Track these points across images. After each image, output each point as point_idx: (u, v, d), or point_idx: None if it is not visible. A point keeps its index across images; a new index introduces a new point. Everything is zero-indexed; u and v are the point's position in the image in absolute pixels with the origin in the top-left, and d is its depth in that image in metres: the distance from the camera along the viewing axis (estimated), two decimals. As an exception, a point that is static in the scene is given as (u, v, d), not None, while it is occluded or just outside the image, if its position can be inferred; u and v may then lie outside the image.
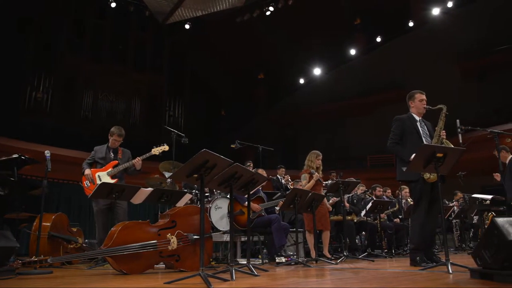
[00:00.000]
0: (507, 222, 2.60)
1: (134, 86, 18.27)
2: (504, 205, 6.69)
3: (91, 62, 17.25)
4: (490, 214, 8.41)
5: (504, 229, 2.54)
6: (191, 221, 4.16)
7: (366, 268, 4.22)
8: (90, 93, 17.22)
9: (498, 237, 2.55)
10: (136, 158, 5.24)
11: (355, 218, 6.97)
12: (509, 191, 6.32)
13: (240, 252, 6.00)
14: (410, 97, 4.51)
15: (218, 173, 3.26)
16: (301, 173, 5.92)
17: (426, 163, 3.57)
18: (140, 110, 18.36)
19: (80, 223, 8.95)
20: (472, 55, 17.50)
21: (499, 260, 2.53)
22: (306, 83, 21.07)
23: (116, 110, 17.74)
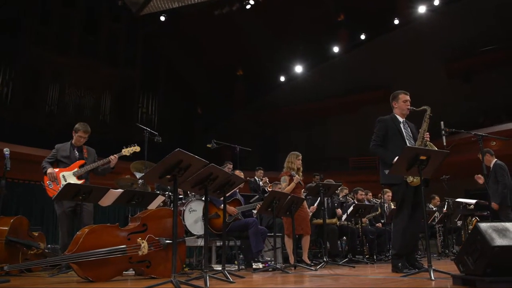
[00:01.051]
0: (490, 227, 2.67)
1: (105, 80, 17.96)
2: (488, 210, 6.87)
3: (57, 53, 16.85)
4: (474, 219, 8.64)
5: (487, 234, 2.60)
6: (163, 225, 4.12)
7: (347, 274, 4.26)
8: (56, 86, 16.82)
9: (481, 242, 2.62)
10: (113, 155, 5.14)
11: (338, 222, 7.04)
12: (493, 195, 6.50)
13: (215, 258, 5.97)
14: (394, 98, 4.57)
15: (193, 174, 3.24)
16: (281, 175, 5.93)
17: (409, 166, 3.63)
18: (111, 106, 18.07)
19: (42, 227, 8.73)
20: (459, 55, 17.87)
21: (482, 266, 2.59)
22: (287, 81, 21.16)
23: (84, 106, 17.41)
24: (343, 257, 6.68)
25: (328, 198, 7.04)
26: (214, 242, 5.84)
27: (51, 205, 5.38)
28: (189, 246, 5.76)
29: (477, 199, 8.15)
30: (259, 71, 21.06)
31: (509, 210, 6.57)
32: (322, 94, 20.29)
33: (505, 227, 2.68)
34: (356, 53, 19.59)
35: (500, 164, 6.72)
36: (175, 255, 2.99)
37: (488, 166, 6.76)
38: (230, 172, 8.27)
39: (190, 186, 3.45)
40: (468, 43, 17.45)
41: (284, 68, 20.63)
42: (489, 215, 6.42)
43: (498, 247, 2.52)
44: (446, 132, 5.05)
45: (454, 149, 5.98)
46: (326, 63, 20.40)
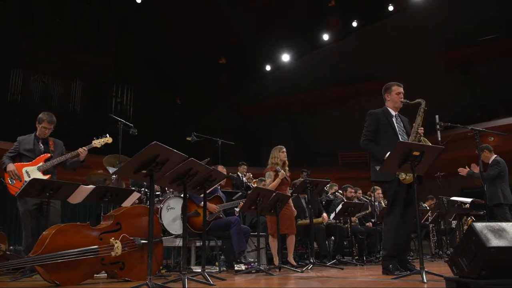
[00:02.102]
0: (486, 227, 2.71)
1: (75, 67, 17.68)
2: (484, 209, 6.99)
3: (20, 36, 16.48)
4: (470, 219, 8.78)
5: (482, 235, 2.64)
6: (138, 224, 4.09)
7: (334, 276, 4.30)
8: (19, 73, 16.50)
9: (476, 243, 2.65)
10: (81, 148, 5.05)
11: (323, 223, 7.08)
12: (491, 194, 6.62)
13: (194, 259, 5.97)
14: (386, 90, 4.60)
15: (171, 169, 3.23)
16: (265, 170, 5.94)
17: (402, 162, 3.67)
18: (82, 95, 17.83)
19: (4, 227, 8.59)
20: (456, 44, 18.01)
21: (477, 269, 2.63)
22: (273, 71, 21.16)
23: (52, 94, 17.12)
24: (331, 258, 6.73)
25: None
26: (193, 242, 5.83)
27: (14, 202, 5.28)
28: (167, 247, 5.74)
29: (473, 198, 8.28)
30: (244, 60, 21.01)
31: (506, 209, 6.71)
32: (311, 85, 20.34)
33: (502, 227, 2.72)
34: (347, 42, 19.67)
35: (498, 159, 6.84)
36: (151, 256, 2.97)
37: (487, 163, 6.88)
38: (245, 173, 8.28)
39: (168, 182, 3.44)
40: (466, 32, 17.62)
41: (270, 57, 20.61)
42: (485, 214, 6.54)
43: (494, 248, 2.56)
44: (441, 127, 5.12)
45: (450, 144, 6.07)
46: (315, 52, 20.43)
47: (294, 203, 6.13)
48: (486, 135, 12.23)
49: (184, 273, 3.24)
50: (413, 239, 7.73)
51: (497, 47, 17.21)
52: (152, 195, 3.22)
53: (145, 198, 5.94)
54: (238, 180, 8.84)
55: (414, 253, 8.34)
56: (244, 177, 8.91)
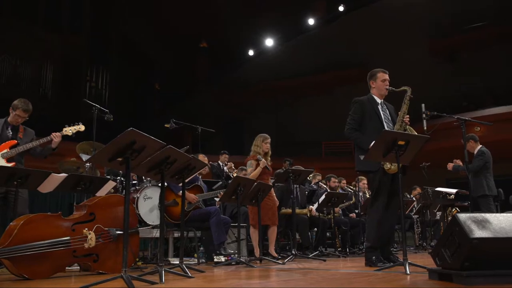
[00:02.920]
0: (470, 218, 2.76)
1: (46, 48, 17.34)
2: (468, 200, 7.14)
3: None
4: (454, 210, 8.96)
5: (466, 226, 2.69)
6: (114, 214, 4.06)
7: (317, 268, 4.35)
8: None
9: (459, 234, 2.71)
10: (55, 133, 4.95)
11: (308, 213, 7.14)
12: (475, 185, 6.76)
13: (172, 251, 5.96)
14: (372, 76, 4.63)
15: (148, 156, 3.20)
16: (246, 159, 5.95)
17: (387, 151, 3.70)
18: (53, 78, 17.52)
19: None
20: (444, 32, 18.23)
21: (459, 260, 2.69)
22: (256, 56, 21.09)
23: (20, 77, 16.79)
24: (313, 250, 6.80)
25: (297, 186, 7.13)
26: (171, 233, 5.82)
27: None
28: (143, 238, 5.72)
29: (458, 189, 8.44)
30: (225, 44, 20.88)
31: (491, 200, 6.86)
32: (295, 71, 20.37)
33: (485, 218, 2.78)
34: (333, 27, 19.70)
35: (484, 150, 6.97)
36: (126, 248, 2.96)
37: (472, 153, 7.01)
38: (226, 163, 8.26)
39: (145, 171, 3.42)
40: (454, 19, 17.81)
41: (253, 41, 20.53)
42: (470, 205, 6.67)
43: (477, 240, 2.61)
44: (427, 116, 5.18)
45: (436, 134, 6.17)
46: (299, 37, 20.43)
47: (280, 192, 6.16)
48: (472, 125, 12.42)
49: (161, 265, 3.24)
50: (397, 230, 7.85)
51: (484, 35, 17.47)
52: (128, 184, 3.20)
53: (121, 187, 5.90)
54: (219, 169, 8.83)
55: (398, 245, 8.48)
56: (225, 166, 8.90)
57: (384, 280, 3.12)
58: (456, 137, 7.28)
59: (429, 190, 9.13)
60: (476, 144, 7.08)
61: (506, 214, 2.85)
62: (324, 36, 19.70)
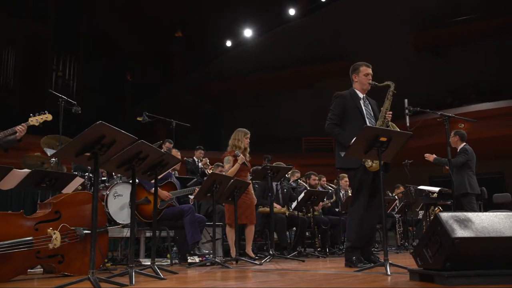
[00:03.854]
0: (452, 217, 2.81)
1: (8, 35, 16.95)
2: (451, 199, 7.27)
3: None
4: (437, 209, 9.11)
5: (448, 225, 2.74)
6: (81, 212, 4.02)
7: (295, 269, 4.38)
8: None
9: (441, 234, 2.76)
10: (20, 125, 4.84)
11: (287, 211, 7.17)
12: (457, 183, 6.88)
13: (143, 251, 5.92)
14: (354, 70, 4.67)
15: (118, 152, 3.18)
16: (223, 155, 5.93)
17: (368, 148, 3.74)
18: (16, 67, 17.17)
19: None
20: (429, 25, 18.43)
21: (441, 260, 2.74)
22: (234, 47, 21.04)
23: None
24: (291, 250, 6.84)
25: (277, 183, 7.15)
26: (143, 232, 5.78)
27: None
28: (113, 237, 5.67)
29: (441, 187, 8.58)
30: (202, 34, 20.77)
31: (473, 198, 7.00)
32: (274, 64, 20.38)
33: (467, 217, 2.84)
34: (315, 18, 19.77)
35: (467, 148, 7.10)
36: (94, 248, 2.93)
37: (455, 147, 7.14)
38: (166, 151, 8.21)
39: (115, 166, 3.39)
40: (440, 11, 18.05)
41: (231, 31, 20.46)
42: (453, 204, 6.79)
43: (459, 239, 2.67)
44: (410, 112, 5.24)
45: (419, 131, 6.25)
46: (279, 28, 20.44)
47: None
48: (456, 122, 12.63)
49: (131, 266, 3.21)
50: (378, 230, 7.95)
51: (470, 29, 17.72)
52: (96, 181, 3.16)
53: (89, 184, 5.82)
54: (194, 166, 8.80)
55: (379, 245, 8.60)
56: (200, 162, 8.88)
57: (364, 281, 3.16)
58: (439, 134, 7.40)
59: (411, 189, 9.27)
60: (460, 142, 7.22)
61: (488, 213, 2.92)
62: (305, 27, 19.75)
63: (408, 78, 15.98)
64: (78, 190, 5.09)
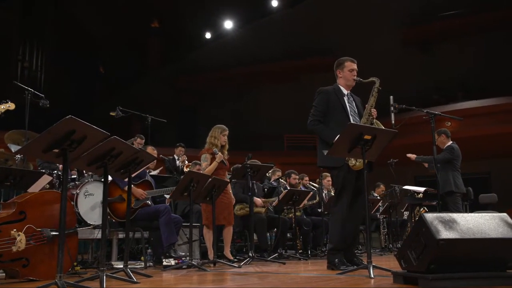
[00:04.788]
0: (437, 218, 2.86)
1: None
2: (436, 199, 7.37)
3: None
4: (422, 210, 9.24)
5: (432, 226, 2.79)
6: (48, 212, 3.97)
7: (275, 272, 4.40)
8: None
9: (426, 235, 2.80)
10: None
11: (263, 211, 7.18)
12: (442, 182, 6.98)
13: (116, 253, 5.89)
14: (339, 65, 4.70)
15: (89, 148, 3.15)
16: (201, 152, 5.92)
17: (352, 146, 3.77)
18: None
19: None
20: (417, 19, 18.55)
21: (425, 262, 2.78)
22: (214, 39, 20.95)
23: None
24: (272, 252, 6.87)
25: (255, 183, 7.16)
26: (115, 233, 5.75)
27: None
28: (83, 239, 5.63)
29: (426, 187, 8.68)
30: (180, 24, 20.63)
31: (458, 198, 7.12)
32: (256, 57, 20.36)
33: (453, 218, 2.89)
34: (299, 10, 19.77)
35: (453, 146, 7.21)
36: (62, 250, 2.89)
37: (442, 148, 7.24)
38: (139, 147, 8.16)
39: (86, 164, 3.36)
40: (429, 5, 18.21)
41: (211, 22, 20.38)
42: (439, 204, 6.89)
43: (443, 241, 2.72)
44: (395, 109, 5.29)
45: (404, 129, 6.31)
46: (261, 20, 20.41)
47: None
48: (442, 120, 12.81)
49: (102, 269, 3.19)
50: (362, 231, 8.03)
51: (458, 24, 17.89)
52: (65, 179, 3.13)
53: (58, 182, 5.75)
54: (173, 164, 8.77)
55: (363, 247, 8.67)
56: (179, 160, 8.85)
57: (347, 284, 3.19)
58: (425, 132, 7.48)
59: (396, 189, 9.37)
60: (447, 140, 7.33)
61: (473, 214, 2.97)
62: (288, 19, 19.75)
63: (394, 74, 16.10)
64: (46, 189, 5.03)
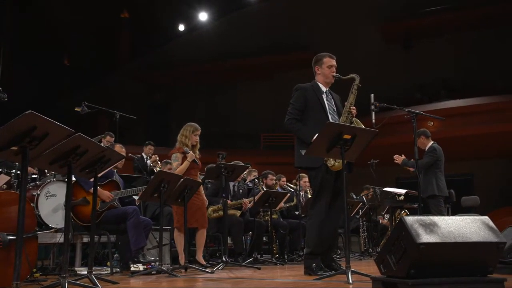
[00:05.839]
0: (417, 221, 2.89)
1: None
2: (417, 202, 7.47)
3: None
4: (403, 212, 9.35)
5: (413, 229, 2.82)
6: (5, 215, 3.89)
7: (250, 277, 4.41)
8: None
9: (406, 239, 2.83)
10: None
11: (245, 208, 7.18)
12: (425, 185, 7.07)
13: (80, 259, 5.82)
14: (317, 61, 4.72)
15: (51, 146, 3.10)
16: (171, 151, 5.90)
17: (330, 146, 3.79)
18: None
19: None
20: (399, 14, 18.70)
21: (406, 267, 2.81)
22: (187, 32, 20.88)
23: None
24: (247, 257, 6.87)
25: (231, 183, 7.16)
26: (79, 237, 5.68)
27: None
28: (44, 244, 5.55)
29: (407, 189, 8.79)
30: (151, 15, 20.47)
31: (441, 201, 7.21)
32: (232, 52, 20.33)
33: (433, 221, 2.93)
34: (277, 3, 19.81)
35: (435, 146, 7.30)
36: (19, 256, 2.85)
37: (423, 149, 7.33)
38: (108, 146, 8.08)
39: (48, 163, 3.31)
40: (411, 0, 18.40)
41: (184, 14, 20.27)
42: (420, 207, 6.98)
43: (424, 245, 2.75)
44: (376, 107, 5.33)
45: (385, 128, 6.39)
46: (238, 12, 20.40)
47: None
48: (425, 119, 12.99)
49: (64, 276, 3.14)
50: (340, 235, 8.08)
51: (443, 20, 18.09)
52: (24, 179, 3.07)
53: (17, 182, 5.65)
54: (142, 163, 8.71)
55: (342, 251, 8.73)
56: (149, 159, 8.79)
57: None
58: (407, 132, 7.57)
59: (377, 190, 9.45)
60: (427, 140, 7.41)
61: (455, 217, 3.02)
62: (266, 13, 19.78)
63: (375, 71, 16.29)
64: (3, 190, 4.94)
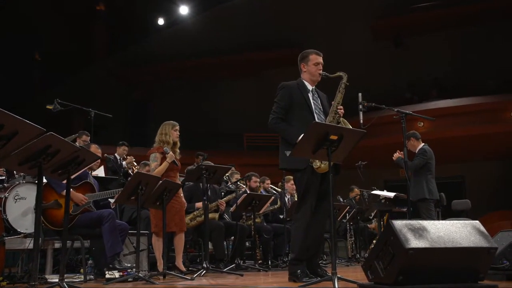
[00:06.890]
0: (406, 226, 2.92)
1: None
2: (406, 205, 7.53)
3: None
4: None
5: (401, 234, 2.84)
6: (-28, 219, 3.85)
7: (232, 285, 4.41)
8: None
9: (394, 244, 2.86)
10: None
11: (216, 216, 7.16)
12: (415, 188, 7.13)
13: (51, 265, 5.78)
14: (303, 59, 4.72)
15: (21, 145, 3.08)
16: (150, 151, 5.88)
17: (317, 147, 3.80)
18: None
19: None
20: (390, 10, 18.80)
21: (394, 273, 2.84)
22: (167, 26, 20.81)
23: None
24: (229, 263, 6.87)
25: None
26: (51, 242, 5.64)
27: None
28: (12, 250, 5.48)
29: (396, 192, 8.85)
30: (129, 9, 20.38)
31: (431, 205, 7.27)
32: (214, 48, 20.31)
33: (423, 226, 2.96)
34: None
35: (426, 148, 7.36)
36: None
37: (414, 152, 7.38)
38: (83, 146, 8.04)
39: (17, 163, 3.30)
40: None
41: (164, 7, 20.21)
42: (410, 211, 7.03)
43: (413, 250, 2.77)
44: (364, 107, 5.36)
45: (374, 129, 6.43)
46: (221, 7, 20.38)
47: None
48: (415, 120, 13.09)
49: (33, 283, 3.11)
50: (326, 240, 8.11)
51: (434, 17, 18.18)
52: (-7, 180, 3.05)
53: (-16, 184, 5.61)
54: (116, 164, 8.68)
55: (328, 256, 8.76)
56: (123, 160, 8.76)
57: (309, 298, 3.22)
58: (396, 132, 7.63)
59: (365, 194, 9.51)
60: (418, 143, 7.46)
61: (444, 222, 3.05)
62: (250, 7, 19.77)
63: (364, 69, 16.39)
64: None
